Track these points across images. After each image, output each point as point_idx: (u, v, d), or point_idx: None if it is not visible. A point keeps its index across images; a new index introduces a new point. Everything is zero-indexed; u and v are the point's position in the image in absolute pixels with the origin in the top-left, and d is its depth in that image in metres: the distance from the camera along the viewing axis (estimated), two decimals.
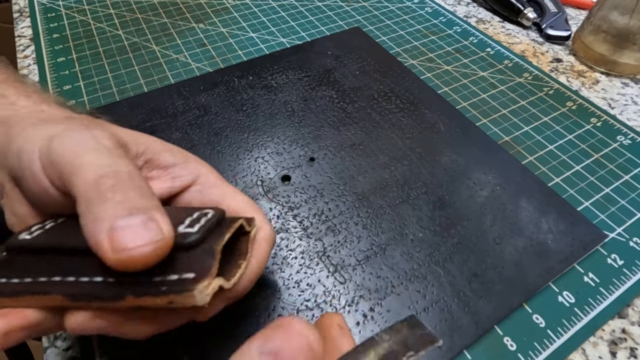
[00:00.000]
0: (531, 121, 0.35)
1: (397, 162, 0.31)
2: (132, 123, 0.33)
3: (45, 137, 0.17)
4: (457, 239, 0.27)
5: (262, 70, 0.38)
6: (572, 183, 0.30)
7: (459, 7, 0.49)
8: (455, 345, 0.22)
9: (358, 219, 0.28)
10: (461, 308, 0.24)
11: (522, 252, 0.26)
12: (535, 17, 0.45)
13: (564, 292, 0.25)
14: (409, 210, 0.28)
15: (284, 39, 0.43)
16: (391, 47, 0.42)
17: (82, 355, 0.22)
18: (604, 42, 0.39)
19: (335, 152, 0.32)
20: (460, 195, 0.29)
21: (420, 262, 0.25)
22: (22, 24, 0.44)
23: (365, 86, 0.37)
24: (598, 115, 0.35)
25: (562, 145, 0.33)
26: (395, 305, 0.24)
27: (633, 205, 0.29)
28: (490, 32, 0.45)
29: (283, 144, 0.32)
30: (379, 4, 0.48)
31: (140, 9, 0.46)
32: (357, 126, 0.34)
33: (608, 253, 0.27)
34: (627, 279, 0.25)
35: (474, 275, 0.25)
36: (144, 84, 0.37)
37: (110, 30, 0.43)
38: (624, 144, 0.33)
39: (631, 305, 0.25)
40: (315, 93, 0.36)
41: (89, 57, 0.40)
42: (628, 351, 0.23)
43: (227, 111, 0.34)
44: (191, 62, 0.39)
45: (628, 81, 0.40)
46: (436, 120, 0.34)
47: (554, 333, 0.23)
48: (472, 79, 0.39)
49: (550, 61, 0.42)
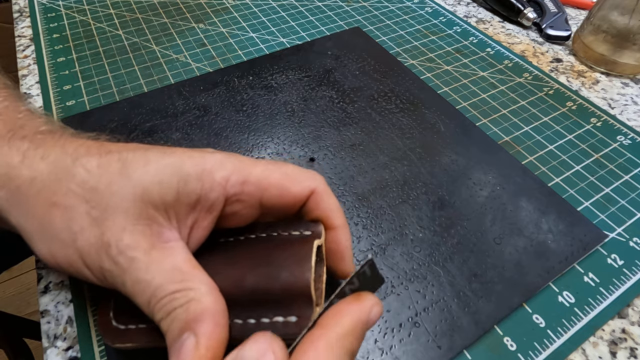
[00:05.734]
0: (531, 121, 0.35)
1: (397, 162, 0.31)
2: (132, 123, 0.33)
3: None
4: (457, 239, 0.27)
5: (262, 70, 0.38)
6: (572, 183, 0.30)
7: (459, 7, 0.49)
8: (455, 345, 0.22)
9: (358, 219, 0.28)
10: (461, 308, 0.24)
11: (522, 252, 0.26)
12: (535, 17, 0.45)
13: (564, 292, 0.25)
14: (409, 210, 0.28)
15: (284, 39, 0.43)
16: (391, 47, 0.42)
17: (82, 355, 0.22)
18: (604, 42, 0.39)
19: (335, 152, 0.32)
20: (460, 195, 0.29)
21: (420, 262, 0.25)
22: (22, 24, 0.44)
23: (365, 86, 0.37)
24: (598, 115, 0.35)
25: (562, 145, 0.33)
26: (395, 305, 0.24)
27: (633, 205, 0.29)
28: (490, 32, 0.45)
29: (283, 145, 0.32)
30: (379, 4, 0.48)
31: (140, 9, 0.46)
32: (357, 126, 0.34)
33: (608, 253, 0.27)
34: (627, 279, 0.25)
35: (474, 275, 0.25)
36: (144, 84, 0.37)
37: (110, 30, 0.43)
38: (624, 144, 0.33)
39: (631, 305, 0.25)
40: (315, 93, 0.36)
41: (89, 57, 0.40)
42: (628, 351, 0.23)
43: (227, 111, 0.34)
44: (191, 62, 0.39)
45: (628, 81, 0.40)
46: (436, 120, 0.34)
47: (554, 333, 0.23)
48: (472, 79, 0.39)
49: (550, 61, 0.42)
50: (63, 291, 0.24)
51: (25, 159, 0.18)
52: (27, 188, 0.17)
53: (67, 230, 0.17)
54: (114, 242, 0.16)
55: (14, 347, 0.56)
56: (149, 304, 0.16)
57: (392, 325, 0.23)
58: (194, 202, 0.18)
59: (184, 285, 0.16)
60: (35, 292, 0.98)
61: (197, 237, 0.18)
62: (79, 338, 0.22)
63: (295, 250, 0.18)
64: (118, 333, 0.18)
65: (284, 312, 0.17)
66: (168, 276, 0.16)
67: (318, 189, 0.19)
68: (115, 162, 0.18)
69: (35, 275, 0.28)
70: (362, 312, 0.16)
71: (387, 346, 0.22)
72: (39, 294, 0.25)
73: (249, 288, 0.17)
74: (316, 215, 0.19)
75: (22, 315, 0.66)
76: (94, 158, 0.18)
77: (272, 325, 0.17)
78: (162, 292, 0.16)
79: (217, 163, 0.18)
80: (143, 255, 0.16)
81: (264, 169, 0.19)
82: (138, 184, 0.17)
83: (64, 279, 0.25)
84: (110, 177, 0.17)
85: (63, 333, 0.23)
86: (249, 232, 0.20)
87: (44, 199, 0.17)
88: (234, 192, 0.18)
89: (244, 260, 0.18)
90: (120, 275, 0.16)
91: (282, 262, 0.17)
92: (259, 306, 0.17)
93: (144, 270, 0.16)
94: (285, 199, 0.19)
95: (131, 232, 0.16)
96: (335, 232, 0.19)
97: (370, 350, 0.22)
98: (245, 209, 0.19)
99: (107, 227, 0.16)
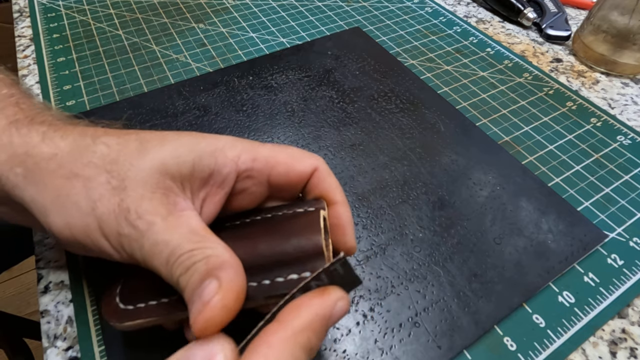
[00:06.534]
0: (531, 121, 0.35)
1: (397, 162, 0.31)
2: (132, 123, 0.33)
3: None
4: (457, 239, 0.27)
5: (262, 70, 0.38)
6: (572, 183, 0.30)
7: (459, 7, 0.49)
8: (455, 345, 0.22)
9: (358, 219, 0.28)
10: (461, 308, 0.24)
11: (522, 252, 0.26)
12: (535, 17, 0.45)
13: (564, 292, 0.25)
14: (409, 210, 0.28)
15: (284, 39, 0.43)
16: (391, 47, 0.42)
17: (82, 355, 0.22)
18: (604, 42, 0.39)
19: (335, 152, 0.32)
20: (460, 195, 0.29)
21: (420, 262, 0.25)
22: (22, 24, 0.44)
23: (365, 86, 0.37)
24: (598, 115, 0.35)
25: (562, 145, 0.33)
26: (395, 305, 0.24)
27: (633, 205, 0.29)
28: (490, 32, 0.45)
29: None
30: (379, 4, 0.48)
31: (140, 9, 0.46)
32: (357, 126, 0.34)
33: (608, 253, 0.27)
34: (627, 279, 0.25)
35: (474, 275, 0.25)
36: (144, 84, 0.37)
37: (110, 30, 0.43)
38: (624, 144, 0.33)
39: (631, 305, 0.25)
40: (315, 93, 0.36)
41: (89, 57, 0.40)
42: (628, 351, 0.23)
43: (227, 111, 0.34)
44: (191, 62, 0.39)
45: (628, 81, 0.40)
46: (436, 120, 0.34)
47: (554, 333, 0.23)
48: (472, 79, 0.39)
49: (550, 61, 0.42)
50: (63, 291, 0.24)
51: (45, 139, 0.19)
52: (46, 163, 0.18)
53: (87, 199, 0.17)
54: (133, 208, 0.17)
55: (14, 347, 0.56)
56: (167, 262, 0.16)
57: (392, 325, 0.23)
58: (207, 176, 0.19)
59: (202, 244, 0.16)
60: (35, 292, 0.98)
61: (209, 211, 0.19)
62: (79, 338, 0.22)
63: (303, 221, 0.19)
64: (126, 313, 0.18)
65: (297, 270, 0.17)
66: (186, 237, 0.16)
67: (320, 167, 0.20)
68: (133, 141, 0.19)
69: (35, 275, 0.28)
70: (324, 306, 0.16)
71: (387, 346, 0.22)
72: (39, 294, 0.25)
73: (262, 254, 0.18)
74: (318, 192, 0.20)
75: (22, 315, 0.66)
76: (113, 137, 0.19)
77: (287, 283, 0.17)
78: (181, 250, 0.16)
79: (229, 143, 0.19)
80: (161, 220, 0.17)
81: (271, 149, 0.20)
82: (156, 158, 0.18)
83: (64, 279, 0.25)
84: (130, 152, 0.18)
85: (63, 333, 0.23)
86: (254, 215, 0.20)
87: (64, 172, 0.18)
88: (245, 167, 0.19)
89: (254, 234, 0.19)
90: (139, 239, 0.17)
91: (292, 229, 0.18)
92: (272, 268, 0.17)
93: (163, 233, 0.16)
94: (291, 175, 0.20)
95: (150, 199, 0.17)
96: (336, 207, 0.20)
97: (370, 350, 0.22)
98: (255, 186, 0.20)
99: (127, 195, 0.17)
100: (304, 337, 0.15)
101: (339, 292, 0.16)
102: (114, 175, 0.18)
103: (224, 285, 0.15)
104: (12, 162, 0.18)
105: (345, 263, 0.16)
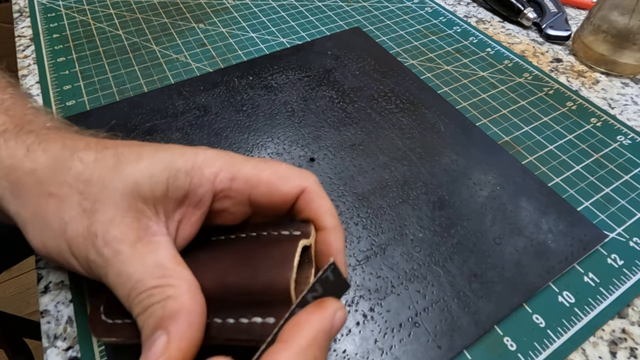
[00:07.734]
0: (531, 121, 0.35)
1: (397, 162, 0.31)
2: (132, 123, 0.33)
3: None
4: (457, 239, 0.27)
5: (262, 70, 0.38)
6: (572, 183, 0.30)
7: (459, 7, 0.49)
8: (455, 345, 0.22)
9: (358, 219, 0.28)
10: (461, 308, 0.24)
11: (522, 252, 0.26)
12: (535, 17, 0.45)
13: (564, 292, 0.25)
14: (409, 210, 0.28)
15: (284, 39, 0.43)
16: (391, 47, 0.42)
17: (82, 355, 0.22)
18: (604, 42, 0.39)
19: (335, 152, 0.32)
20: (460, 195, 0.29)
21: (420, 262, 0.25)
22: (22, 24, 0.44)
23: (365, 86, 0.37)
24: (598, 115, 0.35)
25: (562, 145, 0.33)
26: (395, 305, 0.24)
27: (633, 205, 0.29)
28: (490, 32, 0.45)
29: (283, 145, 0.32)
30: (379, 4, 0.48)
31: (140, 9, 0.46)
32: (357, 126, 0.34)
33: (608, 253, 0.27)
34: (627, 279, 0.25)
35: (474, 275, 0.25)
36: (144, 84, 0.37)
37: (110, 30, 0.43)
38: (624, 144, 0.33)
39: (631, 305, 0.25)
40: (315, 93, 0.36)
41: (89, 57, 0.40)
42: (628, 351, 0.23)
43: (227, 111, 0.34)
44: (191, 62, 0.39)
45: (628, 81, 0.40)
46: (436, 120, 0.34)
47: (554, 333, 0.23)
48: (472, 79, 0.39)
49: (550, 61, 0.42)
50: (63, 291, 0.24)
51: (29, 152, 0.19)
52: (26, 179, 0.18)
53: (59, 220, 0.17)
54: (101, 234, 0.17)
55: (14, 347, 0.56)
56: (129, 297, 0.16)
57: (392, 325, 0.23)
58: (182, 197, 0.18)
59: (164, 281, 0.16)
60: (35, 292, 0.98)
61: (186, 233, 0.19)
62: (79, 338, 0.22)
63: (281, 249, 0.17)
64: (105, 327, 0.18)
65: (262, 313, 0.16)
66: (149, 271, 0.16)
67: (309, 188, 0.19)
68: (110, 157, 0.18)
69: (35, 275, 0.28)
70: (324, 320, 0.15)
71: (387, 346, 0.22)
72: (39, 294, 0.25)
73: (230, 286, 0.17)
74: (306, 216, 0.19)
75: (22, 315, 0.66)
76: (91, 152, 0.18)
77: (250, 326, 0.16)
78: (142, 287, 0.16)
79: (208, 159, 0.18)
80: (128, 248, 0.16)
81: (255, 166, 0.19)
82: (129, 178, 0.17)
83: (64, 279, 0.25)
84: (104, 171, 0.18)
85: (63, 333, 0.23)
86: (239, 231, 0.20)
87: (40, 190, 0.18)
88: (221, 187, 0.18)
89: (229, 258, 0.18)
90: (104, 267, 0.17)
91: (264, 262, 0.17)
92: (239, 305, 0.17)
93: (127, 263, 0.16)
94: (274, 197, 0.19)
95: (119, 224, 0.17)
96: (325, 234, 0.19)
97: (370, 350, 0.22)
98: (235, 206, 0.19)
99: (96, 219, 0.17)
100: (311, 354, 0.15)
101: (336, 303, 0.16)
102: (86, 197, 0.17)
103: (172, 343, 0.15)
104: (0, 174, 0.18)
105: (335, 269, 0.15)
